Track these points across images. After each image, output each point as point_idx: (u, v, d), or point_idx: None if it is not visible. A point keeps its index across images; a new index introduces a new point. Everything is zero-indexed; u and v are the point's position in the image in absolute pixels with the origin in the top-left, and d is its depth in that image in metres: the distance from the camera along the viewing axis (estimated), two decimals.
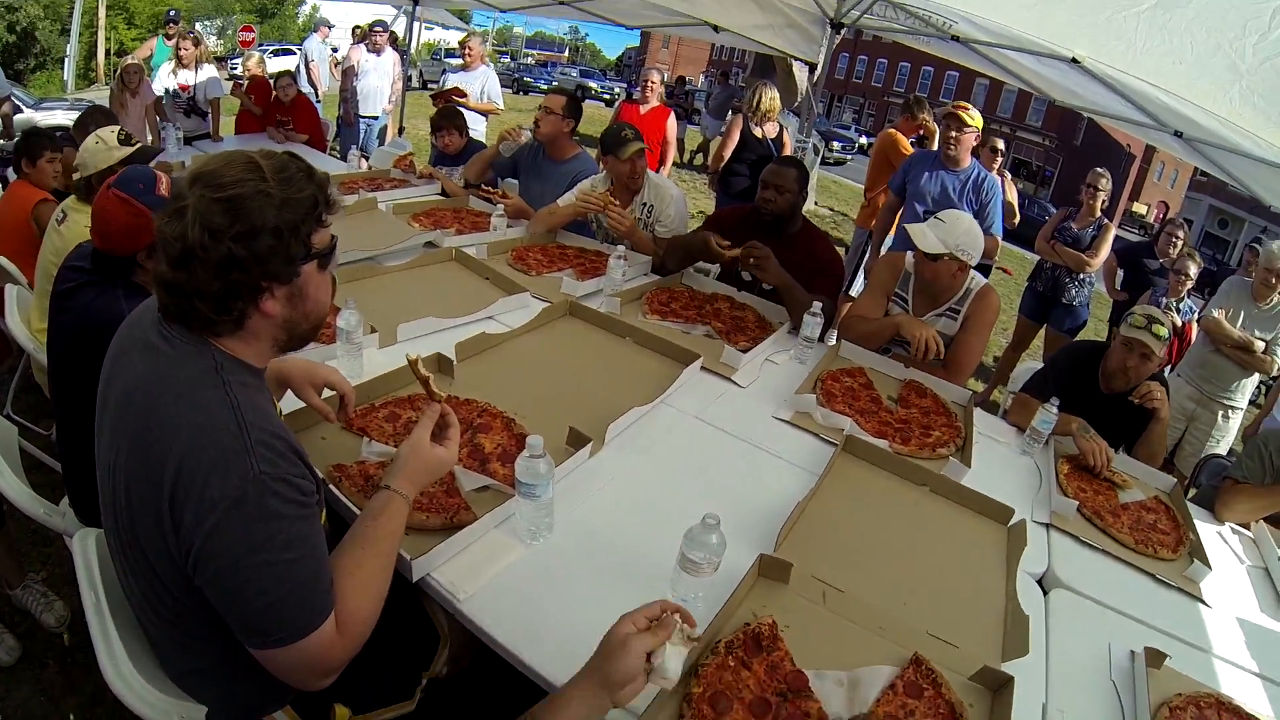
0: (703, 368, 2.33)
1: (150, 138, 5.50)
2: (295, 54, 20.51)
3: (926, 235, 2.58)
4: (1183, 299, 4.48)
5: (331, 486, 1.46)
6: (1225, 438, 4.03)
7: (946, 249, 2.56)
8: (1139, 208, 34.52)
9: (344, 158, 5.54)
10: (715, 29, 4.69)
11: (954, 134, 3.86)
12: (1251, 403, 4.22)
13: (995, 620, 1.52)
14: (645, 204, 3.37)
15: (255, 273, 1.06)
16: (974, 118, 3.89)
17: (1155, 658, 1.51)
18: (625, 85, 30.71)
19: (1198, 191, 30.97)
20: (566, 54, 52.24)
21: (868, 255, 4.99)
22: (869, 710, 1.18)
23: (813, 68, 4.09)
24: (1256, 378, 3.93)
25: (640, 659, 0.97)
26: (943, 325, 2.71)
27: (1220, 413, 3.96)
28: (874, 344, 2.75)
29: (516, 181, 4.00)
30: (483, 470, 1.61)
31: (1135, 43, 2.79)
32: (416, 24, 6.97)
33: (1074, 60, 3.20)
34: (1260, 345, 3.80)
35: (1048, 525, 2.01)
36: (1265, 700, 1.60)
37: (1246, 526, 2.42)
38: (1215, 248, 27.67)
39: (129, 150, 2.42)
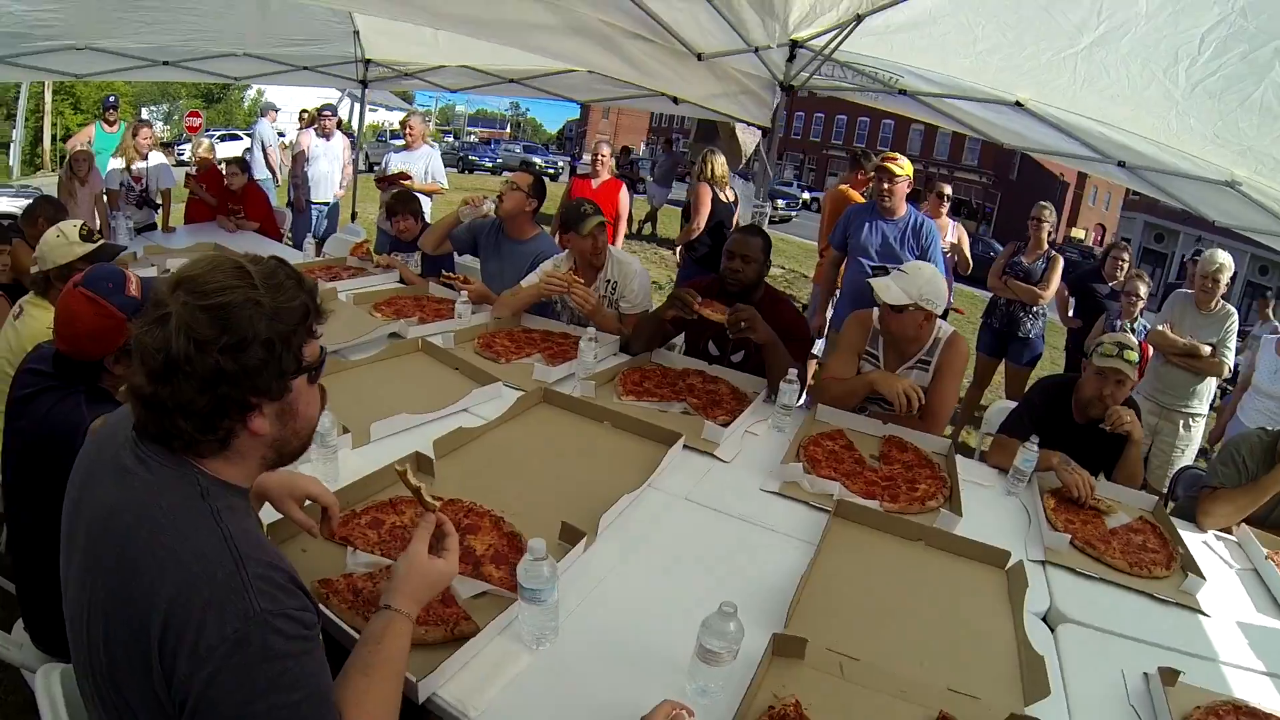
0: (685, 446, 2.37)
1: (99, 227, 5.48)
2: (242, 139, 20.85)
3: (890, 288, 2.70)
4: (1136, 319, 4.69)
5: (320, 605, 1.39)
6: (1190, 446, 4.20)
7: (911, 299, 2.67)
8: (1077, 232, 36.20)
9: (298, 246, 5.54)
10: (674, 100, 4.89)
11: (886, 185, 4.07)
12: (1212, 408, 4.39)
13: (1011, 665, 1.56)
14: (609, 280, 3.43)
15: (244, 388, 1.01)
16: (904, 167, 4.11)
17: (1169, 676, 1.57)
18: (569, 159, 31.65)
19: (1131, 210, 32.67)
20: (509, 130, 53.56)
21: (816, 312, 5.12)
22: None
23: (766, 131, 4.28)
24: (1213, 383, 4.13)
25: None
26: (915, 377, 2.79)
27: (1181, 422, 4.13)
28: (850, 404, 2.83)
29: (476, 263, 4.03)
30: (477, 574, 1.57)
31: (1075, 81, 3.00)
32: (358, 105, 7.13)
33: (1018, 103, 3.43)
34: (1207, 349, 4.00)
35: (1043, 562, 2.07)
36: (1276, 694, 1.67)
37: (1229, 531, 2.53)
38: (1154, 262, 29.05)
39: (91, 247, 2.39)
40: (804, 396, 3.06)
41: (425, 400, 2.41)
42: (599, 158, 5.74)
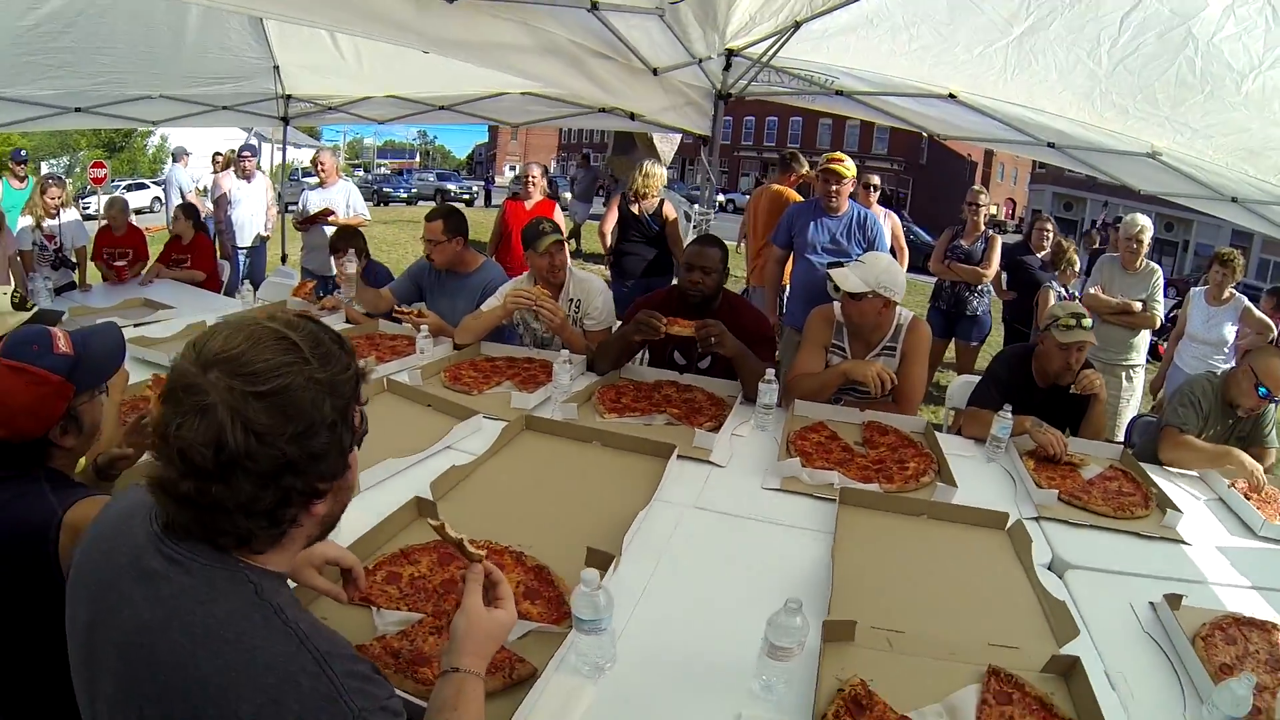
0: (679, 456, 2.41)
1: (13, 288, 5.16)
2: (150, 187, 19.94)
3: (849, 277, 2.85)
4: (1071, 286, 5.06)
5: None
6: (1134, 395, 4.58)
7: (869, 287, 2.83)
8: (990, 208, 38.04)
9: (229, 293, 5.40)
10: (631, 117, 5.09)
11: (834, 187, 4.26)
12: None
13: (1036, 614, 1.70)
14: (572, 299, 3.47)
15: (312, 475, 0.92)
16: (849, 168, 4.32)
17: (1174, 601, 1.75)
18: (484, 183, 31.61)
19: (1039, 183, 34.65)
20: (418, 159, 53.06)
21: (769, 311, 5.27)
22: None
23: (704, 140, 4.45)
24: (1147, 335, 4.49)
25: None
26: (885, 363, 2.95)
27: (1124, 375, 4.48)
28: (824, 396, 2.96)
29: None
30: None
31: (1006, 70, 3.23)
32: (268, 145, 6.98)
33: (950, 95, 3.67)
34: (1138, 306, 4.36)
35: (1037, 518, 2.23)
36: (1267, 606, 1.88)
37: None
38: (1066, 229, 30.75)
39: (25, 315, 2.18)
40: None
41: (406, 442, 2.36)
42: (530, 179, 5.76)
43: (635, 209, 5.42)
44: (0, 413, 1.44)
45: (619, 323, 3.50)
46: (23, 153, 6.74)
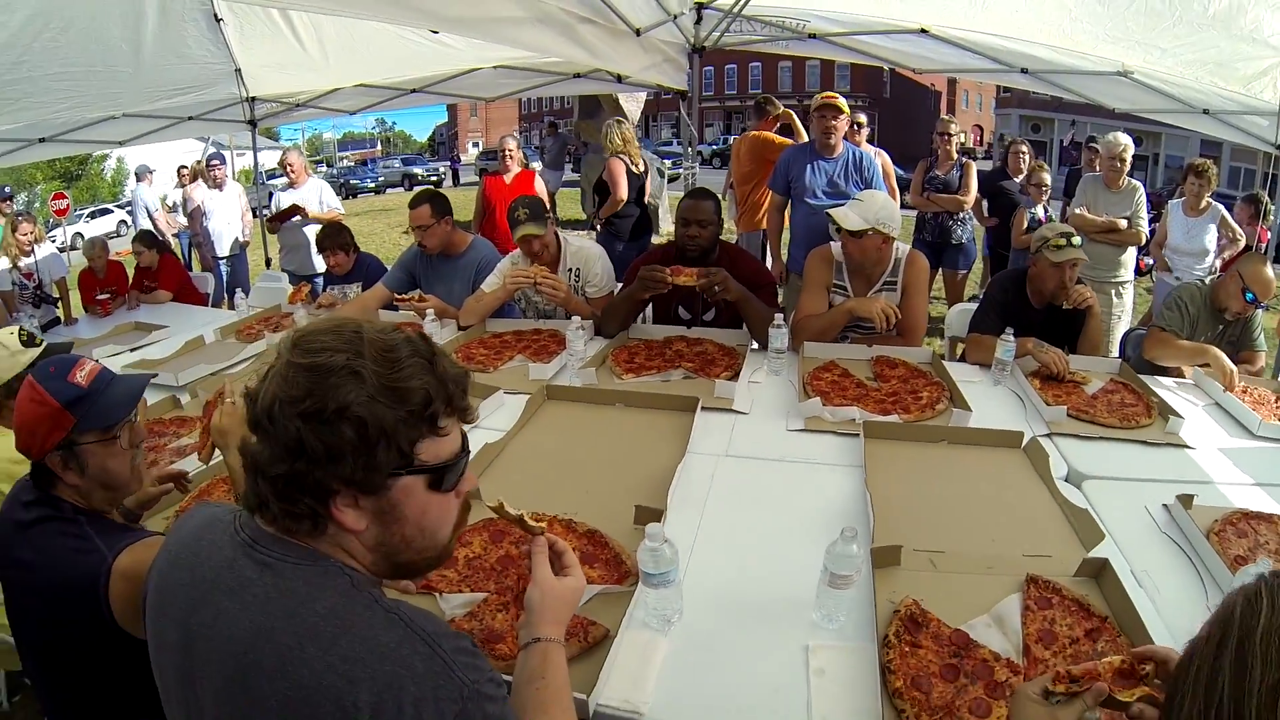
0: (702, 408, 2.50)
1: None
2: (114, 211, 19.52)
3: (849, 215, 2.95)
4: (1046, 204, 5.18)
5: None
6: (1124, 311, 4.74)
7: (869, 224, 2.93)
8: (960, 136, 38.11)
9: (215, 304, 5.43)
10: (619, 79, 5.15)
11: (832, 123, 4.27)
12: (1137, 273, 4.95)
13: (1061, 524, 1.84)
14: (571, 270, 3.52)
15: (325, 470, 0.89)
16: (844, 104, 4.34)
17: (1186, 502, 1.90)
18: (448, 163, 31.24)
19: (1004, 107, 34.56)
20: (380, 148, 52.09)
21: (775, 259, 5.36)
22: (1023, 635, 1.43)
23: (682, 95, 4.52)
24: (1134, 252, 4.64)
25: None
26: (885, 298, 3.06)
27: (1113, 291, 4.63)
28: (830, 335, 3.07)
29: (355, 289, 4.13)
30: None
31: (975, 4, 3.33)
32: (228, 151, 6.92)
33: (923, 30, 3.76)
34: (1123, 223, 4.50)
35: (1049, 435, 2.37)
36: (1271, 501, 2.03)
37: (1183, 375, 2.96)
38: (1037, 151, 30.87)
39: (34, 352, 2.20)
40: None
41: None
42: (506, 152, 5.80)
43: (635, 168, 5.53)
44: (15, 426, 1.50)
45: (619, 285, 3.56)
46: (7, 189, 6.54)
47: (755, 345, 3.09)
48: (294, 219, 5.78)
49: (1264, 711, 0.65)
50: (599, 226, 5.95)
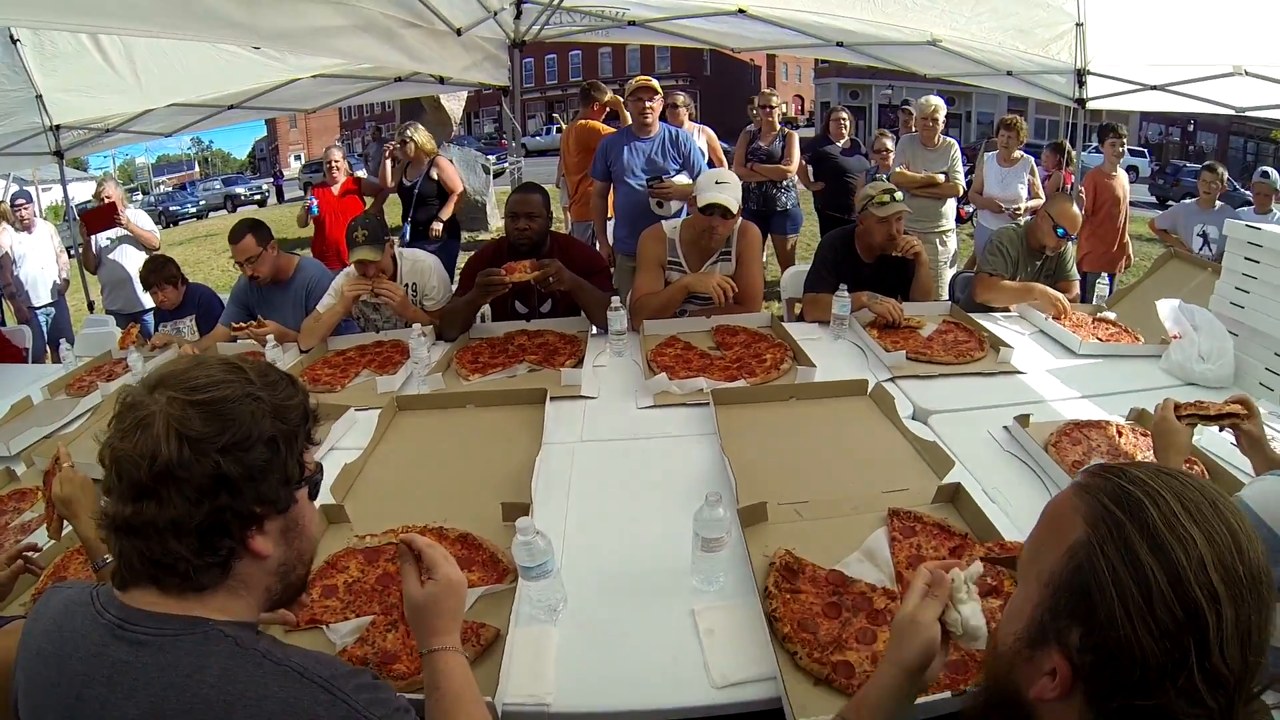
0: (552, 398, 2.47)
1: None
2: None
3: (731, 201, 2.95)
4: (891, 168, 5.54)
5: None
6: (949, 256, 5.14)
7: (739, 205, 3.00)
8: (781, 107, 40.32)
9: (38, 359, 4.91)
10: (440, 80, 5.05)
11: (649, 104, 4.32)
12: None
13: (914, 458, 1.93)
14: (408, 285, 3.43)
15: (248, 496, 0.91)
16: (658, 85, 4.42)
17: (1023, 421, 2.05)
18: (271, 179, 29.68)
19: (824, 76, 36.84)
20: (198, 169, 48.43)
21: (598, 245, 5.37)
22: (894, 564, 1.48)
23: (504, 90, 4.46)
24: (953, 203, 5.04)
25: (933, 630, 0.99)
26: (721, 269, 3.12)
27: (937, 240, 5.02)
28: (669, 312, 3.11)
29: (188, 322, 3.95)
30: None
31: None
32: (32, 187, 6.20)
33: (740, 11, 3.93)
34: (941, 177, 4.88)
35: (892, 379, 2.49)
36: (1096, 409, 2.23)
37: (1007, 309, 3.18)
38: (856, 115, 33.18)
39: None
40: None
41: None
42: (333, 164, 5.65)
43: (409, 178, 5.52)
44: None
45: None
46: None
47: (595, 331, 3.09)
48: (109, 230, 5.28)
49: (1204, 581, 0.71)
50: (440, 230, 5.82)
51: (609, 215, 5.00)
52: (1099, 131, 5.98)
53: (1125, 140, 5.59)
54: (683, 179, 4.39)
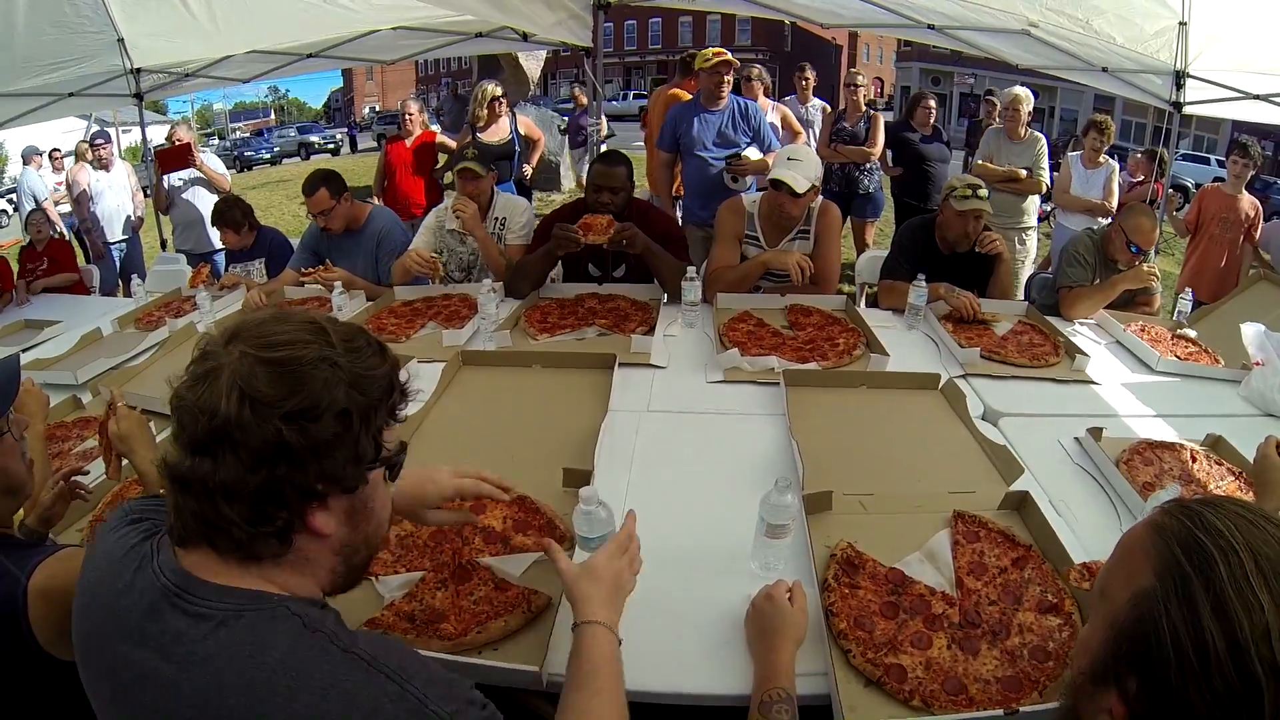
0: (620, 364, 2.46)
1: None
2: None
3: (798, 179, 2.90)
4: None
5: None
6: (1028, 256, 4.99)
7: (811, 183, 2.94)
8: (866, 89, 39.45)
9: (110, 293, 5.11)
10: (524, 37, 5.08)
11: (727, 76, 4.29)
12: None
13: (982, 460, 1.89)
14: (497, 218, 3.53)
15: (310, 470, 0.82)
16: (734, 59, 4.36)
17: (1096, 434, 1.99)
18: (346, 129, 30.14)
19: (905, 60, 35.64)
20: (273, 117, 49.60)
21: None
22: (955, 569, 1.47)
23: (588, 51, 4.48)
24: (1036, 200, 4.88)
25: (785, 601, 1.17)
26: (798, 248, 3.08)
27: (1016, 238, 4.85)
28: (745, 287, 3.07)
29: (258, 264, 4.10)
30: (509, 550, 1.57)
31: None
32: (112, 128, 6.42)
33: None
34: (1024, 173, 4.72)
35: (964, 375, 2.44)
36: (1171, 431, 2.15)
37: (1088, 317, 3.07)
38: (937, 102, 32.17)
39: None
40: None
41: None
42: (408, 115, 5.66)
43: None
44: None
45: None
46: None
47: (667, 299, 3.08)
48: (182, 171, 5.44)
49: (1264, 655, 0.68)
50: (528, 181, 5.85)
51: (677, 191, 4.97)
52: (1229, 146, 5.57)
53: (1256, 161, 4.77)
54: (754, 152, 4.33)
